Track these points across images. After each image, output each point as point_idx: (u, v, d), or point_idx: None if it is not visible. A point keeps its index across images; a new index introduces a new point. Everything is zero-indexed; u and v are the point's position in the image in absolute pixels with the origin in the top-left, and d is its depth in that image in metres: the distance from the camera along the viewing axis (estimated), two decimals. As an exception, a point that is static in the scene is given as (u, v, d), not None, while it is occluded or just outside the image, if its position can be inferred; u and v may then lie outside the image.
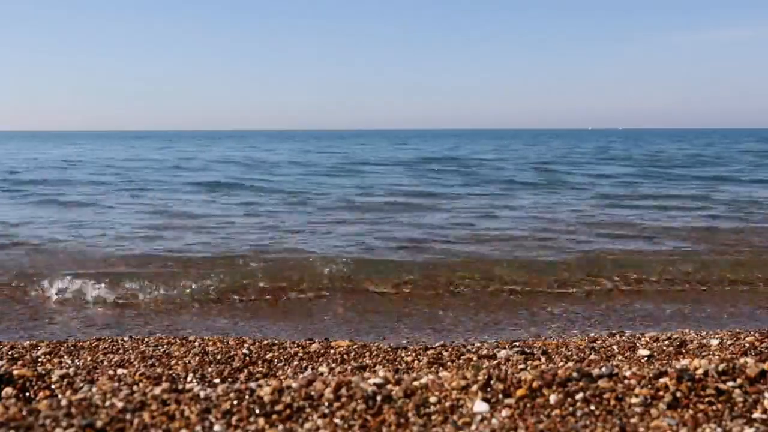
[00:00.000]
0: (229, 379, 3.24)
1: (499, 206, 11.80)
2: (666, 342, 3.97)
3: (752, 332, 4.19)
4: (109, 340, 4.10)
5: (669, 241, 8.13)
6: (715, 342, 3.91)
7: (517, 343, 4.06)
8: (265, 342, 4.02)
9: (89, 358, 3.62)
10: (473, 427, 1.92)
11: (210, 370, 3.39)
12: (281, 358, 3.65)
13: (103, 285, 5.57)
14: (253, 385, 2.15)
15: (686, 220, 9.96)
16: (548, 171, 21.23)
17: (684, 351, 3.75)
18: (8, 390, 2.71)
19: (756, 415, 1.98)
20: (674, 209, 11.29)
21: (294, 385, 2.14)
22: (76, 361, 3.58)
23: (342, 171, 21.51)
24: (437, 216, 10.50)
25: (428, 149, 40.13)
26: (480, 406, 2.03)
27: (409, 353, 3.74)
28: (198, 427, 1.87)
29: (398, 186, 15.93)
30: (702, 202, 12.28)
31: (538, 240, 8.16)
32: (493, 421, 1.95)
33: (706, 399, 2.08)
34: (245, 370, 3.41)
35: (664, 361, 3.48)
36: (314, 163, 25.81)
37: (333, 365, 3.52)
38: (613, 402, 2.05)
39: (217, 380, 3.21)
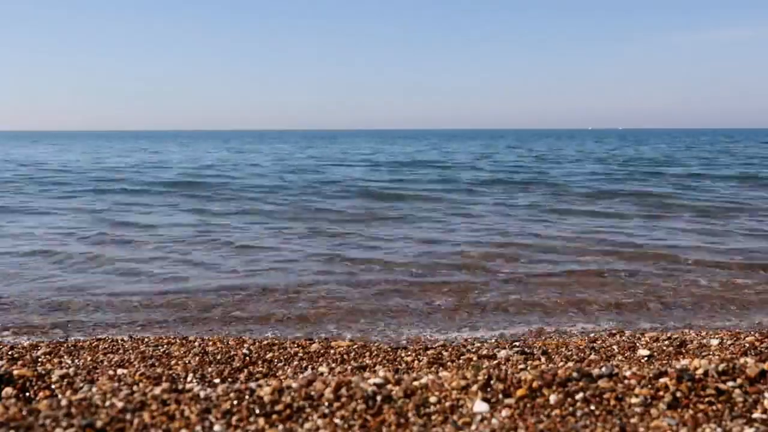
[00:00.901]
0: (229, 379, 3.24)
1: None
2: (666, 342, 3.97)
3: (752, 332, 4.19)
4: (109, 340, 4.10)
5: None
6: (715, 342, 3.91)
7: (517, 343, 4.06)
8: (265, 342, 4.02)
9: (89, 358, 3.62)
10: (473, 427, 1.92)
11: (210, 370, 3.39)
12: (281, 358, 3.65)
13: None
14: (253, 385, 2.15)
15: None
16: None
17: (684, 351, 3.75)
18: (8, 390, 2.71)
19: (756, 415, 1.98)
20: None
21: (294, 385, 2.14)
22: (76, 361, 3.58)
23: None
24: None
25: (396, 151, 39.53)
26: (480, 406, 2.03)
27: (409, 353, 3.74)
28: (198, 427, 1.87)
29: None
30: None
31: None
32: (493, 421, 1.95)
33: (706, 399, 2.08)
34: (245, 370, 3.41)
35: (664, 361, 3.48)
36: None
37: (333, 365, 3.52)
38: (613, 402, 2.05)
39: (217, 380, 3.21)
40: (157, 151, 40.37)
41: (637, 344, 3.95)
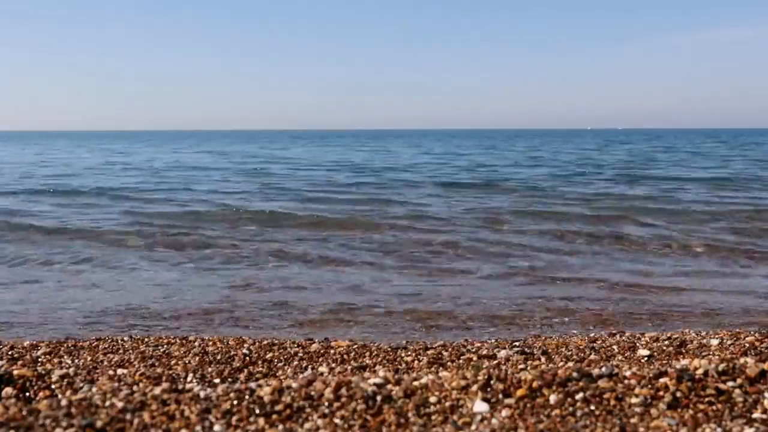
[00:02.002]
0: (229, 379, 3.24)
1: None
2: (666, 342, 3.97)
3: (752, 332, 4.19)
4: (109, 340, 4.10)
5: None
6: (715, 342, 3.91)
7: (517, 343, 4.06)
8: (265, 342, 4.02)
9: (89, 358, 3.62)
10: (473, 427, 1.92)
11: (210, 370, 3.39)
12: (281, 358, 3.65)
13: None
14: (253, 385, 2.15)
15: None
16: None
17: (684, 351, 3.75)
18: (8, 390, 2.71)
19: (756, 415, 1.98)
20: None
21: (294, 385, 2.14)
22: (76, 361, 3.58)
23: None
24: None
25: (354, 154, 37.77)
26: (480, 406, 2.03)
27: (409, 353, 3.74)
28: (198, 427, 1.87)
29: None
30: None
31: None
32: (493, 421, 1.95)
33: (706, 399, 2.08)
34: (245, 370, 3.41)
35: (664, 361, 3.48)
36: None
37: (333, 365, 3.52)
38: (613, 402, 2.05)
39: (217, 380, 3.21)
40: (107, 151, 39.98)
41: (637, 344, 3.95)
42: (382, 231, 9.18)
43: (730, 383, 2.16)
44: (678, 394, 2.09)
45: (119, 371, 3.27)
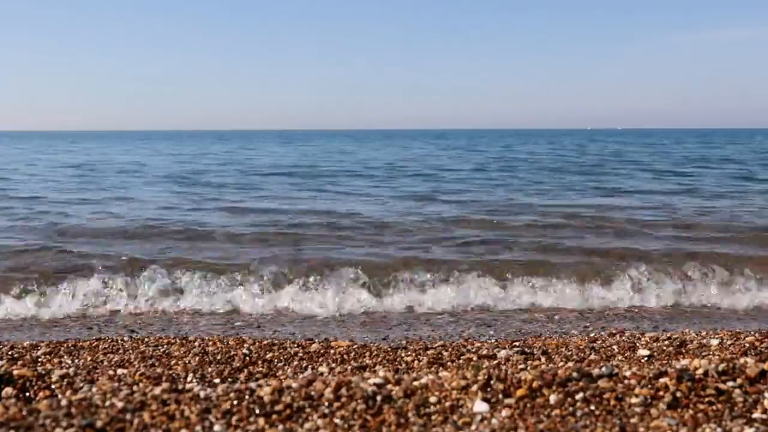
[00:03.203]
0: (229, 379, 3.24)
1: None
2: (666, 342, 3.97)
3: (752, 332, 4.19)
4: (109, 340, 4.10)
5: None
6: (715, 342, 3.91)
7: (517, 343, 4.06)
8: (265, 342, 4.02)
9: (89, 358, 3.62)
10: (473, 427, 1.92)
11: (210, 370, 3.39)
12: (281, 358, 3.65)
13: None
14: (253, 385, 2.15)
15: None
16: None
17: (684, 351, 3.75)
18: (8, 390, 2.71)
19: (756, 415, 1.98)
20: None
21: (294, 385, 2.14)
22: (76, 361, 3.58)
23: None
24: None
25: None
26: (480, 406, 2.03)
27: (409, 353, 3.74)
28: (198, 427, 1.87)
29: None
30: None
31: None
32: (493, 421, 1.95)
33: (706, 399, 2.08)
34: (245, 370, 3.41)
35: (664, 361, 3.48)
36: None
37: (333, 365, 3.52)
38: (613, 402, 2.05)
39: (217, 380, 3.21)
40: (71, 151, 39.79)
41: (637, 344, 3.95)
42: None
43: (730, 383, 2.16)
44: (678, 394, 2.09)
45: (119, 371, 3.27)
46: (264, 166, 24.01)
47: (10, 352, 3.73)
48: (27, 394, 2.73)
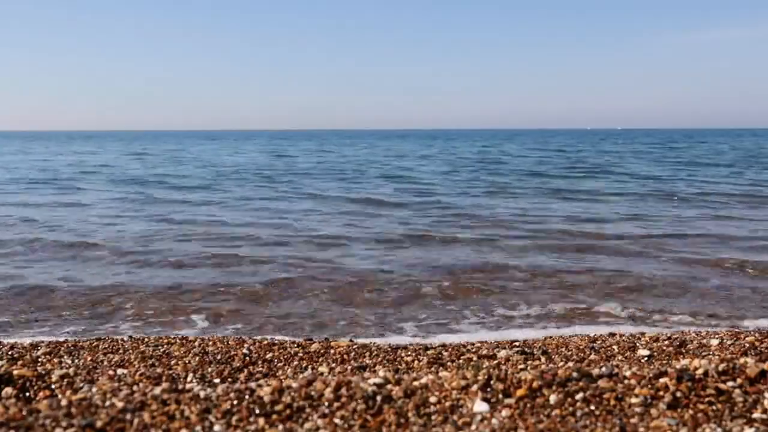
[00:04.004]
0: (229, 379, 3.24)
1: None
2: (666, 342, 3.97)
3: (752, 332, 4.19)
4: (109, 340, 4.10)
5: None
6: (715, 342, 3.91)
7: (517, 343, 4.06)
8: (265, 342, 4.02)
9: (89, 358, 3.62)
10: (473, 427, 1.92)
11: (210, 370, 3.39)
12: (281, 358, 3.65)
13: None
14: (253, 385, 2.15)
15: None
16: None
17: (684, 351, 3.75)
18: (8, 390, 2.71)
19: (756, 415, 1.98)
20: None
21: (294, 385, 2.14)
22: (76, 361, 3.58)
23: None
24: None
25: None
26: (480, 406, 2.03)
27: (409, 353, 3.74)
28: (198, 427, 1.87)
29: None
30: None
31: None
32: (493, 421, 1.95)
33: (706, 399, 2.08)
34: (245, 370, 3.41)
35: (664, 361, 3.48)
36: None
37: (333, 365, 3.52)
38: (613, 402, 2.05)
39: (217, 380, 3.21)
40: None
41: (637, 344, 3.95)
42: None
43: (730, 383, 2.16)
44: (678, 394, 2.09)
45: (119, 371, 3.27)
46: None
47: (10, 352, 3.73)
48: (27, 394, 2.73)
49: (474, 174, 20.84)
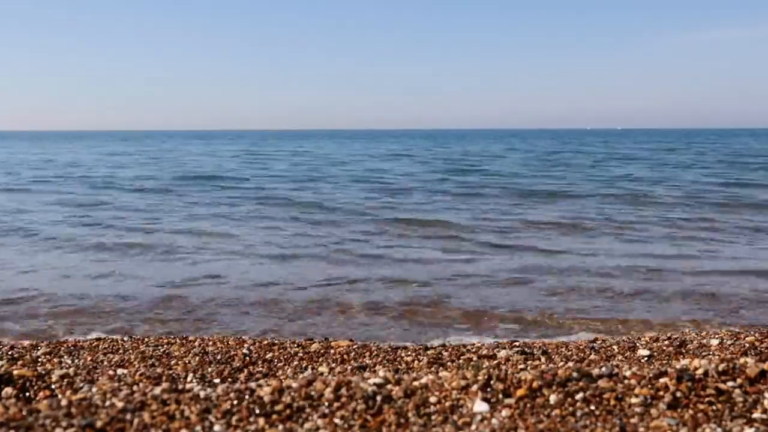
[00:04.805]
0: (229, 379, 3.24)
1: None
2: (666, 342, 3.97)
3: (752, 332, 4.19)
4: (109, 340, 4.10)
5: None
6: (715, 342, 3.91)
7: (517, 343, 4.06)
8: (265, 342, 4.02)
9: (89, 358, 3.62)
10: (473, 427, 1.92)
11: (210, 370, 3.39)
12: (281, 358, 3.65)
13: None
14: (253, 385, 2.15)
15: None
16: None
17: (684, 351, 3.75)
18: (8, 390, 2.71)
19: (756, 415, 1.98)
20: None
21: (294, 385, 2.14)
22: (76, 361, 3.58)
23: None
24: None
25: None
26: (480, 406, 2.03)
27: (409, 353, 3.74)
28: (198, 427, 1.87)
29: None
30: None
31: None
32: (493, 421, 1.95)
33: (706, 399, 2.08)
34: (245, 370, 3.41)
35: (664, 361, 3.48)
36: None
37: (333, 365, 3.52)
38: (613, 402, 2.05)
39: (217, 380, 3.21)
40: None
41: (637, 344, 3.95)
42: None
43: (730, 383, 2.16)
44: (678, 394, 2.09)
45: (119, 371, 3.27)
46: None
47: (10, 352, 3.73)
48: (27, 394, 2.73)
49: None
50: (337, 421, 1.94)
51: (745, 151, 36.20)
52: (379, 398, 2.06)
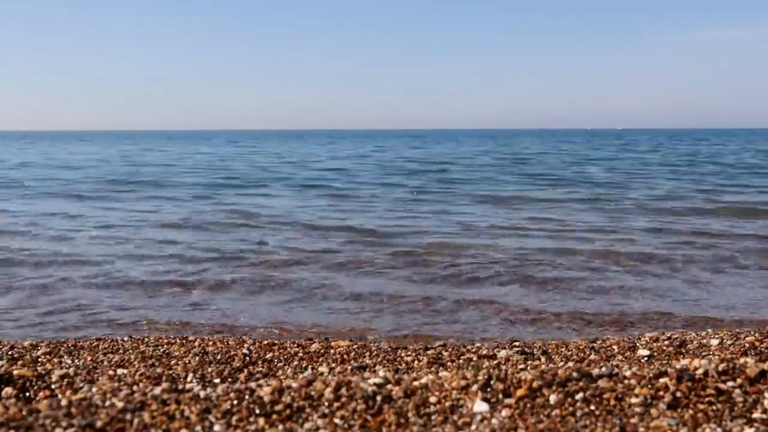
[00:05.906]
0: (229, 379, 3.24)
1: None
2: (666, 342, 3.97)
3: (752, 332, 4.19)
4: (109, 340, 4.10)
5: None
6: (715, 342, 3.91)
7: (517, 343, 4.06)
8: (265, 342, 4.02)
9: (89, 358, 3.62)
10: (473, 427, 1.92)
11: (210, 370, 3.39)
12: (281, 358, 3.65)
13: None
14: (253, 385, 2.15)
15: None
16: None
17: (684, 351, 3.75)
18: (8, 390, 2.71)
19: (756, 415, 1.98)
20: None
21: (294, 385, 2.14)
22: (76, 361, 3.58)
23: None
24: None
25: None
26: (480, 406, 2.03)
27: (409, 353, 3.74)
28: (198, 427, 1.87)
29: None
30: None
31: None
32: (493, 421, 1.95)
33: (706, 399, 2.08)
34: (245, 370, 3.41)
35: (664, 361, 3.48)
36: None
37: (333, 365, 3.52)
38: (613, 402, 2.05)
39: (217, 380, 3.21)
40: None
41: (637, 344, 3.95)
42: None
43: (730, 383, 2.16)
44: (678, 394, 2.09)
45: (119, 371, 3.27)
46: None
47: (10, 352, 3.73)
48: (27, 394, 2.73)
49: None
50: (337, 421, 1.94)
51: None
52: (379, 398, 2.06)
